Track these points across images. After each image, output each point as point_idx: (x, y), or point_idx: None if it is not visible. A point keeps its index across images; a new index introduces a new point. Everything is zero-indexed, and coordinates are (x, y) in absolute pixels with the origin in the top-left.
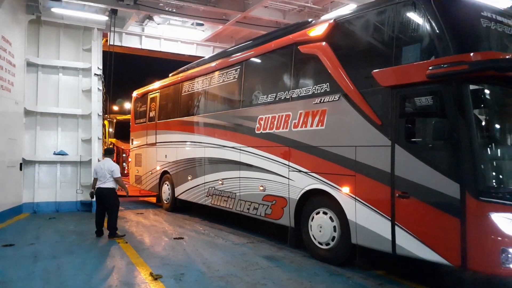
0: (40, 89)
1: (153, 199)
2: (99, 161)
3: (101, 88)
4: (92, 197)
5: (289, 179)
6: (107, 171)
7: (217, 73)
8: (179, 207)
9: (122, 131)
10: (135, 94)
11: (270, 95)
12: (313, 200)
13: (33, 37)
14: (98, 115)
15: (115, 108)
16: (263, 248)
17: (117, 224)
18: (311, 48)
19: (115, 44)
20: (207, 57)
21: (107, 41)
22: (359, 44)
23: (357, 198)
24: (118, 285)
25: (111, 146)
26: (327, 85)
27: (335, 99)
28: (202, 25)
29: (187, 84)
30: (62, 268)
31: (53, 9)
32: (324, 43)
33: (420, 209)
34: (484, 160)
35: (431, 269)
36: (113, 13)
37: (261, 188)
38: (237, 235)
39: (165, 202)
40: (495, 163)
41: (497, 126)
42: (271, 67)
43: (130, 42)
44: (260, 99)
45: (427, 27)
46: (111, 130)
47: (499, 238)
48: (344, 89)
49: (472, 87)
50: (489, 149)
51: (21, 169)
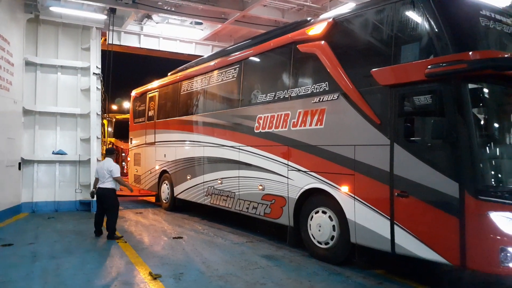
0: (38, 88)
1: (152, 199)
2: (98, 160)
3: (100, 87)
4: (92, 197)
5: (288, 178)
6: (106, 171)
7: (216, 72)
8: (178, 206)
9: (121, 131)
10: (134, 93)
11: (269, 94)
12: (312, 199)
13: (32, 36)
14: (97, 114)
15: (114, 107)
16: (262, 247)
17: (116, 225)
18: (310, 47)
19: (113, 43)
20: (206, 56)
21: (105, 40)
22: (358, 43)
23: (356, 197)
24: (117, 285)
25: (110, 145)
26: (326, 84)
27: (334, 98)
28: (201, 24)
29: (186, 83)
30: (61, 267)
31: (51, 8)
32: (323, 42)
33: (419, 208)
34: (483, 159)
35: (430, 268)
36: (112, 12)
37: (260, 187)
38: (236, 235)
39: (164, 201)
40: (494, 162)
41: (496, 125)
42: (270, 66)
43: (129, 41)
44: (259, 98)
45: (426, 26)
46: (110, 129)
47: (498, 237)
48: (343, 88)
49: (471, 86)
50: (488, 148)
51: (19, 169)
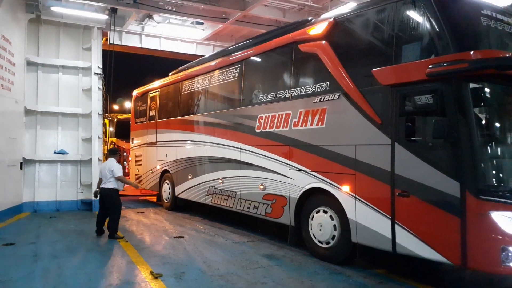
0: (40, 88)
1: (154, 198)
2: (100, 160)
3: (101, 87)
4: (95, 197)
5: (289, 178)
6: (108, 171)
7: (217, 72)
8: (180, 206)
9: (122, 130)
10: (135, 93)
11: (270, 94)
12: (313, 199)
13: (33, 36)
14: (98, 114)
15: (115, 107)
16: (263, 246)
17: (118, 225)
18: (311, 46)
19: (115, 43)
20: (207, 56)
21: (107, 40)
22: (359, 42)
23: (357, 196)
24: (118, 284)
25: (112, 145)
26: (327, 83)
27: (335, 98)
28: (202, 24)
29: (187, 83)
30: (62, 267)
31: (52, 8)
32: (324, 42)
33: (420, 208)
34: (484, 158)
35: (431, 267)
36: (113, 12)
37: (261, 187)
38: (237, 234)
39: (166, 201)
40: (495, 161)
41: (497, 124)
42: (271, 66)
43: (130, 41)
44: (260, 98)
45: (427, 25)
46: (111, 129)
47: (499, 236)
48: (344, 87)
49: (472, 85)
50: (489, 147)
51: (21, 168)
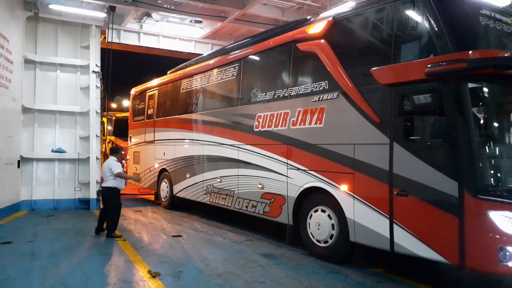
0: (38, 86)
1: (152, 197)
2: (97, 159)
3: (99, 85)
4: (98, 195)
5: (287, 177)
6: (107, 170)
7: (215, 71)
8: (178, 204)
9: (121, 129)
10: (133, 91)
11: (268, 93)
12: (311, 198)
13: (31, 34)
14: (96, 112)
15: (114, 105)
16: (261, 246)
17: (117, 224)
18: (310, 45)
19: (113, 41)
20: (205, 54)
21: (105, 38)
22: (357, 42)
23: (355, 196)
24: (116, 283)
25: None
26: (326, 83)
27: (333, 97)
28: (200, 22)
29: (186, 81)
30: (60, 265)
31: (50, 6)
32: (322, 41)
33: (418, 207)
34: (482, 158)
35: (429, 267)
36: (111, 10)
37: (260, 186)
38: (235, 233)
39: (164, 200)
40: (493, 161)
41: (496, 124)
42: (270, 65)
43: (128, 39)
44: (258, 97)
45: (426, 25)
46: (109, 127)
47: (497, 236)
48: (342, 87)
49: (470, 85)
50: (487, 147)
51: (19, 167)
